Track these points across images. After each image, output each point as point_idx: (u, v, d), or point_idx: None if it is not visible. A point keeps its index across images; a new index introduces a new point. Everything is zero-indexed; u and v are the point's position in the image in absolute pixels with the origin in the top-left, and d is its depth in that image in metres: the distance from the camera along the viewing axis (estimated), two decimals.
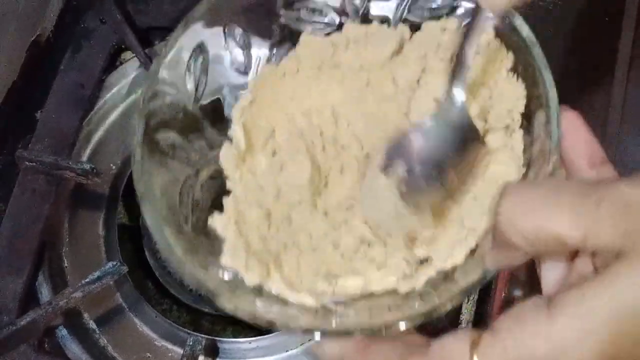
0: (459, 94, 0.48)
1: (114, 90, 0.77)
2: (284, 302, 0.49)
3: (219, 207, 0.53)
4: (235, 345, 0.66)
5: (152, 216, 0.48)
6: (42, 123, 0.74)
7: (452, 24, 0.53)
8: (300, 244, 0.52)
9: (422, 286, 0.49)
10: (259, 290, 0.50)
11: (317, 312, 0.49)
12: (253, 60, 0.57)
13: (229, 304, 0.46)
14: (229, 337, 0.70)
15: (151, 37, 0.79)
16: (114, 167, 0.74)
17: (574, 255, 0.39)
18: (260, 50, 0.57)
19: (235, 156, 0.54)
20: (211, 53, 0.55)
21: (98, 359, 0.67)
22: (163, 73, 0.51)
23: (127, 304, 0.68)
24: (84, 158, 0.74)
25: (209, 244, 0.52)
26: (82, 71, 0.76)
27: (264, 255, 0.52)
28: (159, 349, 0.66)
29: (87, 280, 0.64)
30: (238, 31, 0.56)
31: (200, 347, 0.63)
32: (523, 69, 0.50)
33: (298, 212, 0.53)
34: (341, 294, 0.50)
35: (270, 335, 0.65)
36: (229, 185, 0.54)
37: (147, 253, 0.73)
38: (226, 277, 0.50)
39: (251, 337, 0.66)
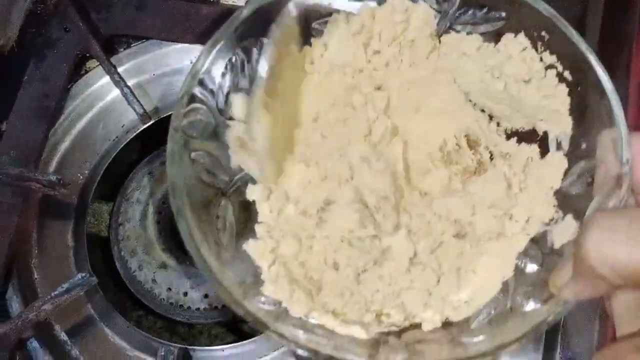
0: None
1: (79, 99, 0.77)
2: (330, 332, 0.50)
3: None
4: (209, 354, 0.66)
5: (187, 234, 0.48)
6: (7, 135, 0.73)
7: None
8: (343, 274, 0.53)
9: (477, 323, 0.50)
10: (303, 321, 0.50)
11: (366, 343, 0.49)
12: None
13: (275, 331, 0.46)
14: (204, 346, 0.70)
15: (115, 45, 0.79)
16: (81, 177, 0.73)
17: None
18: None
19: (261, 189, 0.55)
20: (240, 70, 0.54)
21: None
22: (197, 89, 0.51)
23: (98, 314, 0.68)
24: (51, 169, 0.74)
25: (244, 268, 0.52)
26: (46, 81, 0.75)
27: (307, 285, 0.52)
28: (131, 359, 0.66)
29: (56, 292, 0.63)
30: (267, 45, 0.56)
31: (173, 356, 0.63)
32: (583, 91, 0.49)
33: (339, 246, 0.53)
34: (389, 325, 0.51)
35: (244, 342, 0.65)
36: (260, 217, 0.54)
37: (117, 263, 0.73)
38: (267, 307, 0.50)
39: (225, 344, 0.66)
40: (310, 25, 0.56)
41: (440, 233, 0.54)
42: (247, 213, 0.55)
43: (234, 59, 0.54)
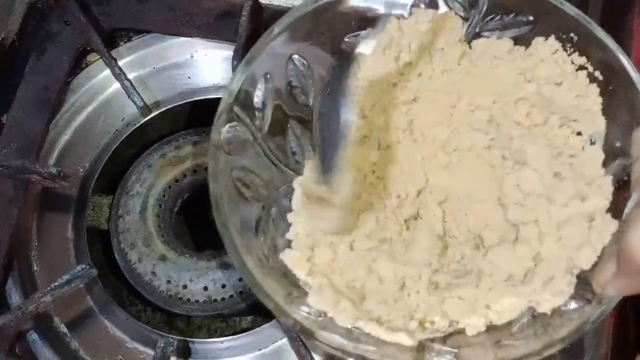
0: None
1: (80, 92, 0.77)
2: (376, 339, 0.50)
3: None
4: (208, 346, 0.66)
5: (232, 248, 0.49)
6: (8, 127, 0.73)
7: None
8: (384, 282, 0.53)
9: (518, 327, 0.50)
10: (349, 329, 0.51)
11: (412, 349, 0.50)
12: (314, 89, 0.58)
13: (321, 340, 0.47)
14: (202, 338, 0.70)
15: (116, 38, 0.79)
16: (81, 170, 0.74)
17: None
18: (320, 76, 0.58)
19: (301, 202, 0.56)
20: (275, 85, 0.55)
21: None
22: (234, 107, 0.52)
23: (98, 306, 0.68)
24: (52, 161, 0.74)
25: (285, 279, 0.53)
26: (47, 74, 0.75)
27: (351, 295, 0.52)
28: (131, 351, 0.66)
29: (56, 284, 0.63)
30: (300, 60, 0.57)
31: (172, 348, 0.63)
32: (613, 90, 0.50)
33: (377, 257, 0.54)
34: (434, 332, 0.51)
35: (242, 335, 0.65)
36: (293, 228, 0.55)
37: (116, 255, 0.73)
38: (312, 316, 0.51)
39: (224, 337, 0.66)
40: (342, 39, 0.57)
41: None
42: (285, 224, 0.56)
43: (268, 75, 0.55)
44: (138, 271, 0.71)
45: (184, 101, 0.75)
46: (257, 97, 0.54)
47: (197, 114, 0.78)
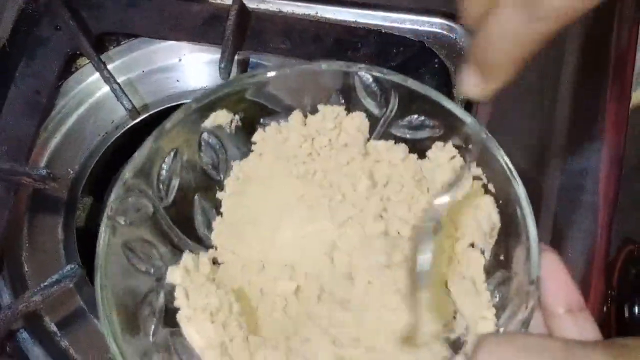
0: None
1: (70, 96, 0.78)
2: None
3: None
4: None
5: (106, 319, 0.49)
6: None
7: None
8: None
9: None
10: None
11: None
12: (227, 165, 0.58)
13: None
14: None
15: (106, 43, 0.80)
16: (71, 172, 0.75)
17: None
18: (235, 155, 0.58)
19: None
20: (185, 159, 0.55)
21: None
22: (134, 177, 0.51)
23: (88, 306, 0.69)
24: (42, 164, 0.75)
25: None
26: (37, 78, 0.77)
27: None
28: None
29: (46, 283, 0.64)
30: (213, 140, 0.56)
31: None
32: (504, 204, 0.50)
33: None
34: None
35: None
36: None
37: None
38: None
39: None
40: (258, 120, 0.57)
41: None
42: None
43: (178, 149, 0.54)
44: None
45: (172, 104, 0.76)
46: (164, 170, 0.54)
47: None
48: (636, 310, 0.62)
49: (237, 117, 0.56)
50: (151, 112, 0.76)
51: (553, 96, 0.68)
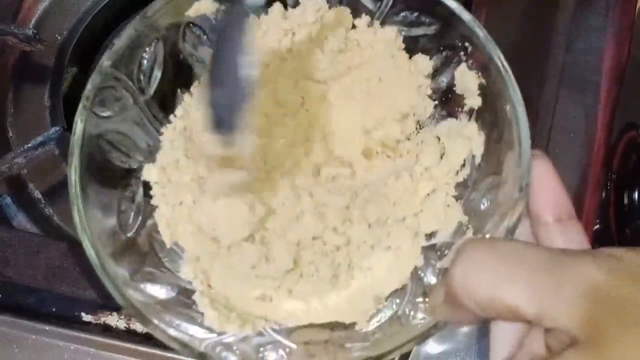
0: None
1: None
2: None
3: None
4: None
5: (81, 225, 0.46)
6: None
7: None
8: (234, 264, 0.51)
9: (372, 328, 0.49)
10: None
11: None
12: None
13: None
14: None
15: None
16: (59, 38, 0.72)
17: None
18: None
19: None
20: (167, 50, 0.52)
21: (43, 228, 0.66)
22: (112, 66, 0.49)
23: None
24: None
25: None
26: None
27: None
28: None
29: (29, 145, 0.62)
30: (197, 30, 0.54)
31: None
32: (498, 107, 0.48)
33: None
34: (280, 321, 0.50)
35: None
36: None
37: None
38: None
39: None
40: None
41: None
42: None
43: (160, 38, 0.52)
44: None
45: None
46: (145, 60, 0.51)
47: None
48: (636, 196, 0.60)
49: (222, 7, 0.53)
50: None
51: None
